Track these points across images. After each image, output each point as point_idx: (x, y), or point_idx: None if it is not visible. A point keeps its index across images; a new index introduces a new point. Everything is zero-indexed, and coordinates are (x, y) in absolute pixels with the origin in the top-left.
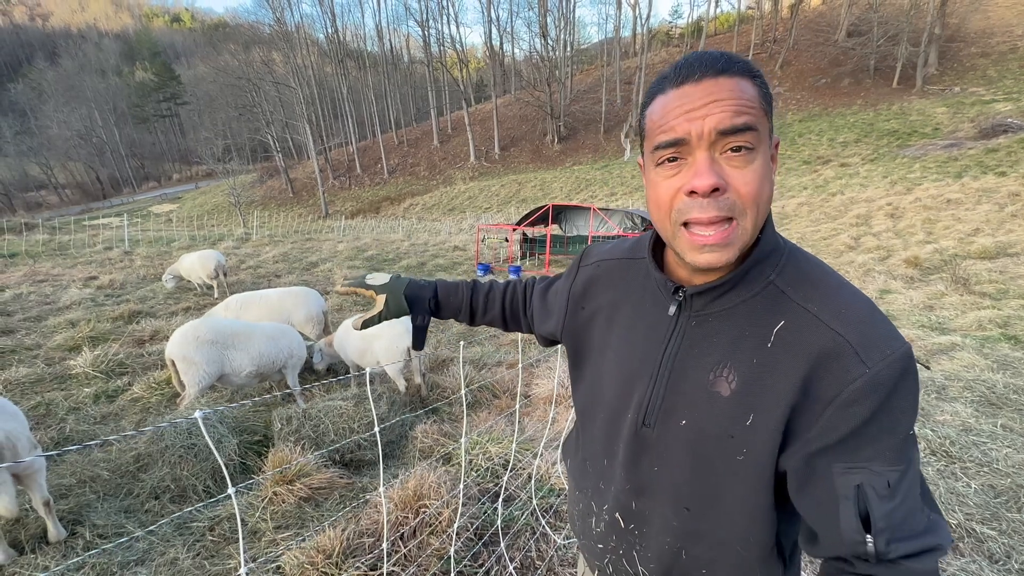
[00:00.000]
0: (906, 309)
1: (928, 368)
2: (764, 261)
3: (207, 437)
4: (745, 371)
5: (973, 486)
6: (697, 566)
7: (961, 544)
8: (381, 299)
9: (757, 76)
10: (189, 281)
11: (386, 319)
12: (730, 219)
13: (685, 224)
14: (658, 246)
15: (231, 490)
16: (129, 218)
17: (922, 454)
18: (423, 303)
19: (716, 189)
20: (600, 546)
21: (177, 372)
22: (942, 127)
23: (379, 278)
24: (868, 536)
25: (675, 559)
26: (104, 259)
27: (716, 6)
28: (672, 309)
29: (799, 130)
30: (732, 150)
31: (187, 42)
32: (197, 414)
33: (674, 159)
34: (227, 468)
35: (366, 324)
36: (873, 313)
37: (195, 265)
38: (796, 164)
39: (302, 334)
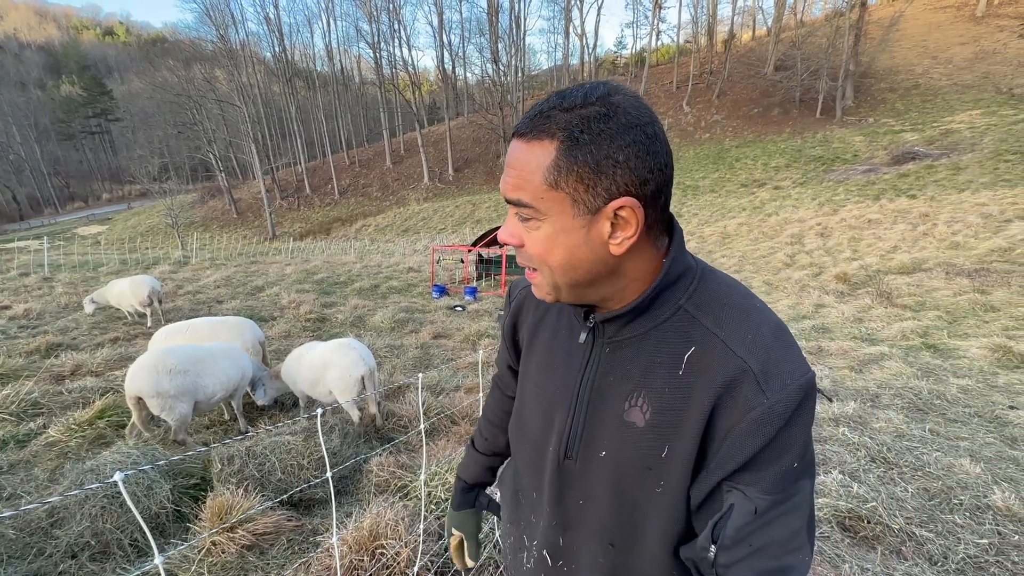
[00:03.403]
0: (839, 322)
1: (831, 400)
2: (674, 285)
3: (129, 502)
4: (658, 400)
5: (910, 490)
6: None
7: (904, 548)
8: (456, 539)
9: (566, 139)
10: (118, 309)
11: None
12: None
13: None
14: None
15: (158, 560)
16: (50, 241)
17: (863, 462)
18: (481, 505)
19: (507, 244)
20: None
21: (141, 410)
22: (860, 154)
23: (457, 529)
24: (713, 546)
25: None
26: (19, 286)
27: (657, 39)
28: (583, 336)
29: (736, 155)
30: (520, 216)
31: (121, 56)
32: (117, 476)
33: None
34: (160, 517)
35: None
36: (780, 337)
37: (126, 292)
38: (735, 187)
39: None
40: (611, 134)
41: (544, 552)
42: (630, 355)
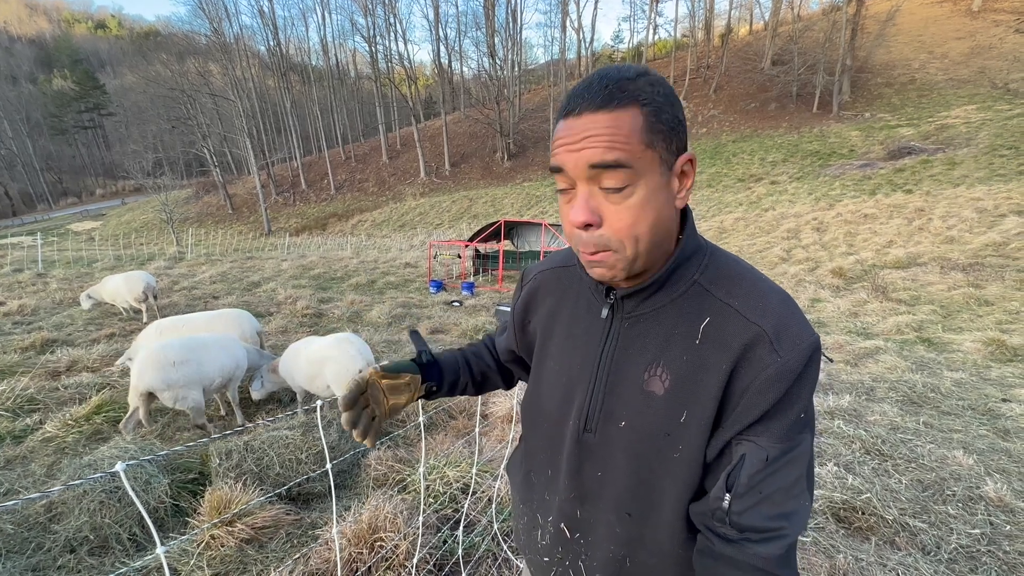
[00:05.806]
0: (835, 316)
1: (831, 361)
2: (687, 262)
3: (131, 492)
4: (677, 369)
5: (904, 482)
6: (642, 573)
7: (897, 539)
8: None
9: (648, 104)
10: (113, 305)
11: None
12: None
13: None
14: None
15: (160, 551)
16: (44, 237)
17: (857, 454)
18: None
19: (590, 224)
20: (546, 559)
21: (149, 404)
22: (857, 149)
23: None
24: (727, 495)
25: (620, 567)
26: (13, 282)
27: (654, 33)
28: (605, 312)
29: (733, 150)
30: (607, 188)
31: (113, 50)
32: (119, 467)
33: (567, 189)
34: (158, 512)
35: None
36: (787, 304)
37: (121, 288)
38: (732, 181)
39: None
40: (673, 98)
41: (561, 525)
42: (648, 328)
